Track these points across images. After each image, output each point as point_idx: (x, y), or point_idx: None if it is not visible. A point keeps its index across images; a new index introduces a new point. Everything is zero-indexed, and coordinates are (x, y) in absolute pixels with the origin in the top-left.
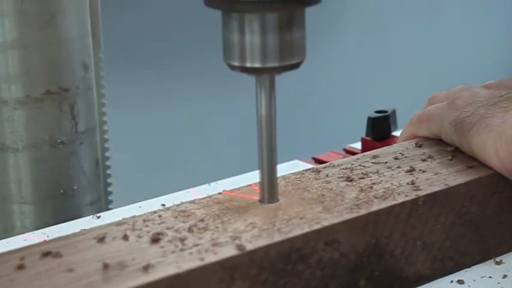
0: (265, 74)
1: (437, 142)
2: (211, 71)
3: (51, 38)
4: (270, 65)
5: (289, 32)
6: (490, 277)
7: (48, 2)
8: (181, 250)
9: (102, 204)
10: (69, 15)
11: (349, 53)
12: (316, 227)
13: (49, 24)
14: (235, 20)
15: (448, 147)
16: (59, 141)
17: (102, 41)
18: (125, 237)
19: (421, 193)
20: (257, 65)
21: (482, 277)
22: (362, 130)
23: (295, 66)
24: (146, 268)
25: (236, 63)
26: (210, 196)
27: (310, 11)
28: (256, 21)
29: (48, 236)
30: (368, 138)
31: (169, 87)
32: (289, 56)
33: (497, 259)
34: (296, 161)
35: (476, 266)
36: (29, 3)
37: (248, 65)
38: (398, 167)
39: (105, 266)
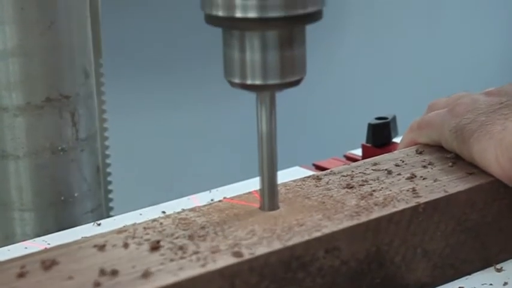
0: (265, 91)
1: (437, 149)
2: (212, 77)
3: (51, 45)
4: (271, 82)
5: (290, 49)
6: (491, 284)
7: (48, 8)
8: (181, 258)
9: (103, 211)
10: (70, 21)
11: (349, 59)
12: (317, 234)
13: (49, 31)
14: (236, 38)
15: (448, 154)
16: (59, 148)
17: (103, 48)
18: (125, 245)
19: (422, 200)
20: (258, 82)
21: (483, 284)
22: (362, 137)
23: (296, 83)
24: (146, 276)
25: (237, 81)
26: (210, 204)
27: None
28: (257, 38)
29: (49, 244)
30: (368, 144)
31: (170, 94)
32: (290, 73)
33: (498, 266)
34: (297, 168)
35: (477, 273)
36: (29, 10)
37: (249, 82)
38: (399, 174)
39: (105, 274)
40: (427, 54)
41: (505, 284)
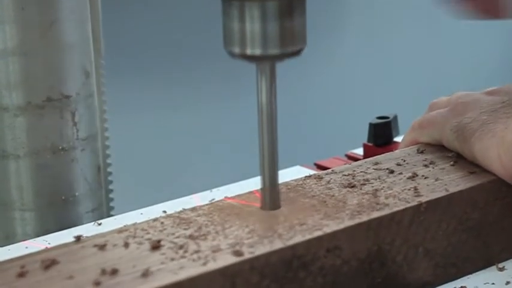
0: (266, 62)
1: (439, 148)
2: (212, 77)
3: (52, 45)
4: (271, 52)
5: (290, 19)
6: (493, 283)
7: (49, 8)
8: (182, 257)
9: (104, 211)
10: (70, 21)
11: (351, 58)
12: (318, 233)
13: (50, 31)
14: (236, 8)
15: (450, 153)
16: (60, 148)
17: (103, 47)
18: (126, 245)
19: (423, 199)
20: (258, 52)
21: (485, 283)
22: (364, 136)
23: (296, 53)
24: (146, 275)
25: (237, 51)
26: (211, 203)
27: (310, 16)
28: (257, 8)
29: (49, 243)
30: (370, 144)
31: (171, 93)
32: (290, 43)
33: (500, 265)
34: (298, 167)
35: (479, 272)
36: (30, 10)
37: (249, 52)
38: (400, 173)
39: (105, 274)
40: (428, 53)
41: (508, 283)
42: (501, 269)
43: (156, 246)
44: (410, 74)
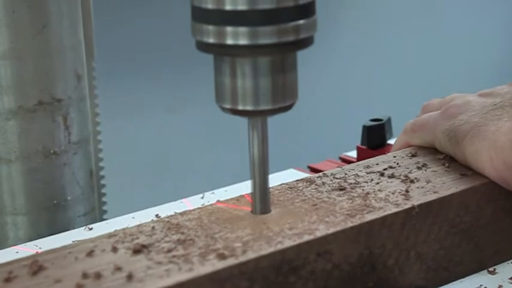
0: (257, 117)
1: (431, 151)
2: (205, 79)
3: (43, 48)
4: (262, 108)
5: (282, 75)
6: (485, 287)
7: (40, 11)
8: (170, 262)
9: (96, 215)
10: (62, 24)
11: (344, 61)
12: (308, 238)
13: (41, 34)
14: (227, 64)
15: (442, 156)
16: (52, 151)
17: (95, 51)
18: (114, 250)
19: (415, 202)
20: (249, 108)
21: (477, 287)
22: (358, 138)
23: (287, 108)
24: (133, 281)
25: (228, 106)
26: (201, 207)
27: None
28: (248, 65)
29: (40, 248)
30: (363, 146)
31: (163, 97)
32: (281, 98)
33: (492, 269)
34: (291, 170)
35: (471, 276)
36: (21, 13)
37: (240, 107)
38: (392, 176)
39: (89, 279)
40: (422, 55)
41: (500, 287)
42: (493, 273)
43: (144, 251)
44: (404, 76)
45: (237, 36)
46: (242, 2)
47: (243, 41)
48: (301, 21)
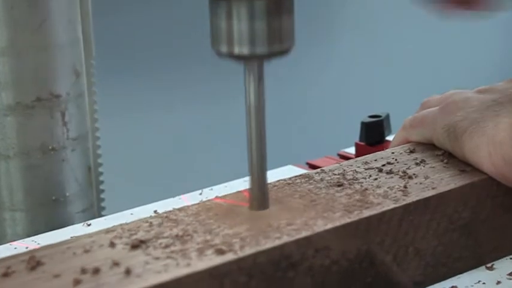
0: (253, 61)
1: (429, 147)
2: (204, 77)
3: (41, 44)
4: (259, 51)
5: (278, 18)
6: (484, 283)
7: (39, 7)
8: (168, 258)
9: (95, 211)
10: (60, 21)
11: (343, 57)
12: (307, 233)
13: (39, 30)
14: (223, 7)
15: (440, 152)
16: (50, 148)
17: (94, 47)
18: (112, 245)
19: (413, 198)
20: (245, 51)
21: (475, 283)
22: (356, 135)
23: (284, 52)
24: (131, 276)
25: (224, 50)
26: (200, 203)
27: (302, 16)
28: (244, 7)
29: (38, 244)
30: (362, 143)
31: (162, 93)
32: (278, 42)
33: (490, 265)
34: (290, 166)
35: (469, 272)
36: (19, 9)
37: (236, 50)
38: (390, 172)
39: (88, 274)
40: (421, 52)
41: (498, 282)
42: (492, 269)
43: (142, 246)
44: (402, 72)
45: None
46: None
47: None
48: None
